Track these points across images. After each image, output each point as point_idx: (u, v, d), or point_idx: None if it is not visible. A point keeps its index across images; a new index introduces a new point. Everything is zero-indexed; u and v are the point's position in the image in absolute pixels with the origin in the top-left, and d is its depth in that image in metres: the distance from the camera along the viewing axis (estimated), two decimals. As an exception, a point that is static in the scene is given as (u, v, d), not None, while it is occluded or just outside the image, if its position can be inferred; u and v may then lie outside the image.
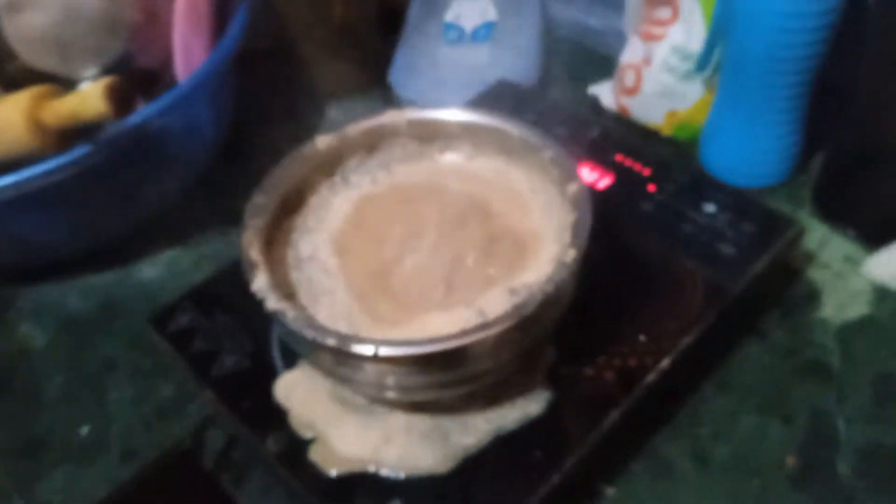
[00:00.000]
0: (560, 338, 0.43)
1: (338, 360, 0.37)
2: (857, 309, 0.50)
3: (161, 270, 0.59)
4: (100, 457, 0.48)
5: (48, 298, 0.58)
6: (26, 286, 0.59)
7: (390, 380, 0.38)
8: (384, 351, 0.35)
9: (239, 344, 0.46)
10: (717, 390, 0.47)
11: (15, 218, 0.52)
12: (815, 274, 0.53)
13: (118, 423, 0.49)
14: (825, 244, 0.55)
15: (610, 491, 0.43)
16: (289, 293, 0.41)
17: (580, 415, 0.41)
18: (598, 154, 0.56)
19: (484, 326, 0.35)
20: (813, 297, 0.51)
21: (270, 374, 0.44)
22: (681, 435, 0.45)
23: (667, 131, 0.65)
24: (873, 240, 0.53)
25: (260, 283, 0.38)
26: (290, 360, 0.45)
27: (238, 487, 0.45)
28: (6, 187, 0.48)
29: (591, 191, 0.42)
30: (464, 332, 0.35)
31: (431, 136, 0.48)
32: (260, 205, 0.43)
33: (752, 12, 0.51)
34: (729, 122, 0.59)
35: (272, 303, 0.37)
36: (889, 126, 0.50)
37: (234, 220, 0.62)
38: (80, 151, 0.48)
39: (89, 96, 0.45)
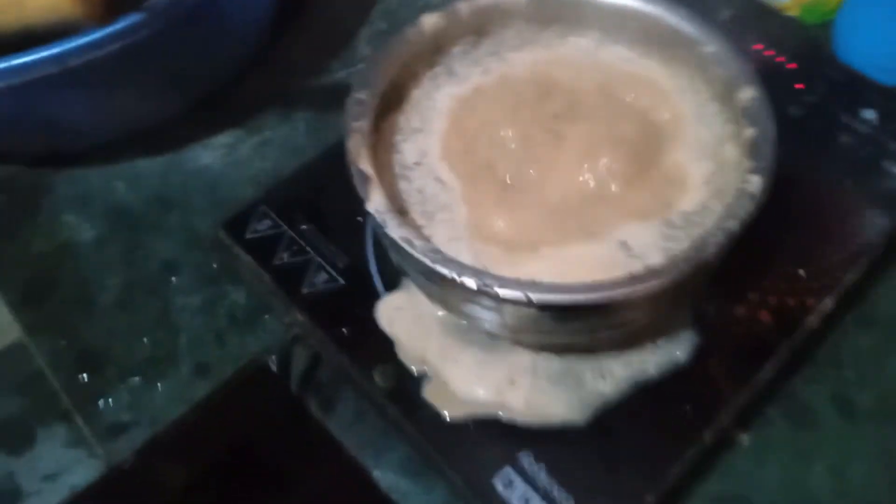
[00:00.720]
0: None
1: (472, 298, 0.32)
2: None
3: (218, 157, 0.52)
4: (169, 371, 0.43)
5: (92, 186, 0.51)
6: (65, 171, 0.52)
7: (529, 324, 0.32)
8: (536, 297, 0.29)
9: (329, 257, 0.40)
10: (860, 325, 0.42)
11: (52, 99, 0.44)
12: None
13: (186, 334, 0.44)
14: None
15: (745, 438, 0.39)
16: (400, 208, 0.35)
17: (732, 362, 0.36)
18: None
19: (655, 273, 0.29)
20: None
21: (369, 295, 0.39)
22: (821, 377, 0.40)
23: (792, 11, 0.56)
24: None
25: (377, 201, 0.32)
26: (392, 279, 0.39)
27: (326, 413, 0.41)
28: (41, 62, 0.40)
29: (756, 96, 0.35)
30: (633, 279, 0.29)
31: (553, 17, 0.40)
32: (362, 102, 0.35)
33: None
34: (876, 4, 0.50)
35: (394, 229, 0.31)
36: None
37: (297, 99, 0.55)
38: (128, 21, 0.40)
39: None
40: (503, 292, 0.29)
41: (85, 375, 0.43)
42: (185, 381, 0.43)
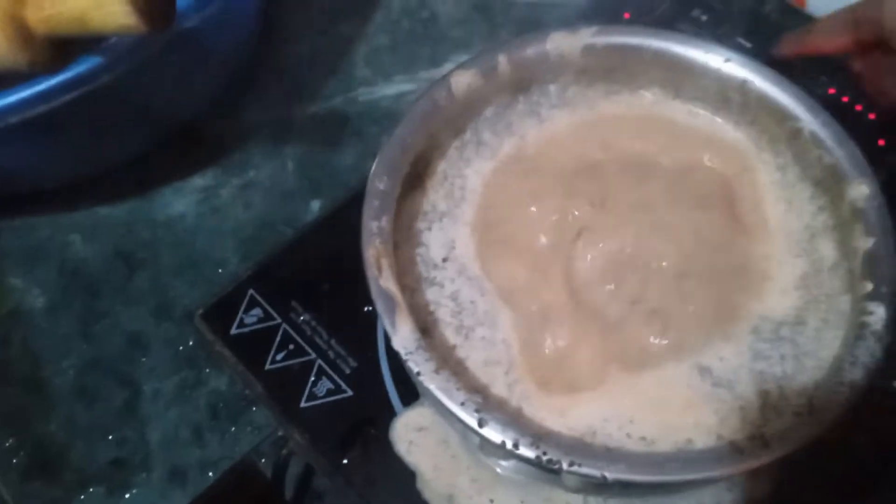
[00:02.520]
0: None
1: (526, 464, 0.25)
2: None
3: (193, 203, 0.44)
4: (138, 479, 0.36)
5: (43, 239, 0.43)
6: (11, 220, 0.44)
7: (592, 490, 0.26)
8: (613, 476, 0.23)
9: (333, 359, 0.33)
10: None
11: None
12: None
13: (158, 430, 0.37)
14: None
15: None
16: (424, 324, 0.28)
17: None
18: (797, 79, 0.41)
19: (766, 446, 0.23)
20: None
21: (384, 409, 0.32)
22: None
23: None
24: None
25: (405, 336, 0.25)
26: (412, 389, 0.32)
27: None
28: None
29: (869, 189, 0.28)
30: (738, 455, 0.23)
31: (611, 69, 0.33)
32: (382, 193, 0.28)
33: None
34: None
35: (429, 378, 0.24)
36: None
37: (284, 133, 0.47)
38: (83, 68, 0.32)
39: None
40: (571, 468, 0.23)
41: (38, 484, 0.36)
42: (157, 490, 0.36)
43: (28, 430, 0.38)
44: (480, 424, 0.23)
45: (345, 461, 0.31)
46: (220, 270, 0.41)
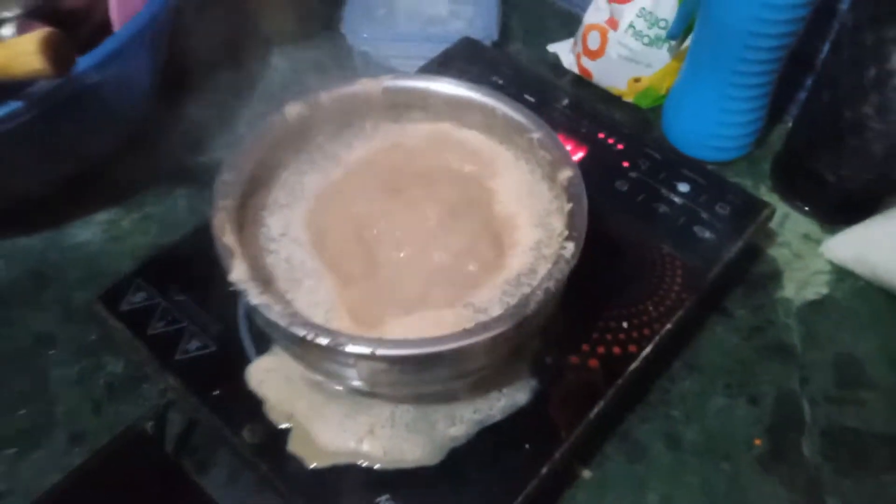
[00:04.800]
0: (545, 326, 0.42)
1: (327, 356, 0.35)
2: (817, 289, 0.51)
3: (97, 233, 0.54)
4: (44, 441, 0.44)
5: (-32, 263, 0.52)
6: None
7: (382, 377, 0.36)
8: (381, 351, 0.33)
9: (202, 325, 0.43)
10: (686, 370, 0.48)
11: None
12: (776, 252, 0.54)
13: (62, 404, 0.46)
14: (784, 221, 0.56)
15: (586, 474, 0.43)
16: (265, 277, 0.38)
17: (566, 405, 0.40)
18: (570, 124, 0.54)
19: (485, 327, 0.34)
20: (774, 276, 0.52)
21: (240, 359, 0.42)
22: (653, 416, 0.46)
23: (628, 97, 0.64)
24: (830, 220, 0.55)
25: (239, 272, 0.35)
26: (262, 344, 0.42)
27: (202, 474, 0.43)
28: None
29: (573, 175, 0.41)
30: (466, 332, 0.34)
31: (408, 106, 0.45)
32: (229, 182, 0.39)
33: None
34: (696, 93, 0.58)
35: (254, 296, 0.34)
36: (850, 109, 0.51)
37: (177, 176, 0.58)
38: (6, 110, 0.43)
39: (22, 50, 0.40)
40: (351, 348, 0.33)
41: (-42, 450, 0.44)
42: (60, 450, 0.44)
43: (-50, 408, 0.45)
44: (289, 325, 0.34)
45: (212, 395, 0.40)
46: (118, 282, 0.51)
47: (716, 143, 0.59)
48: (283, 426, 0.39)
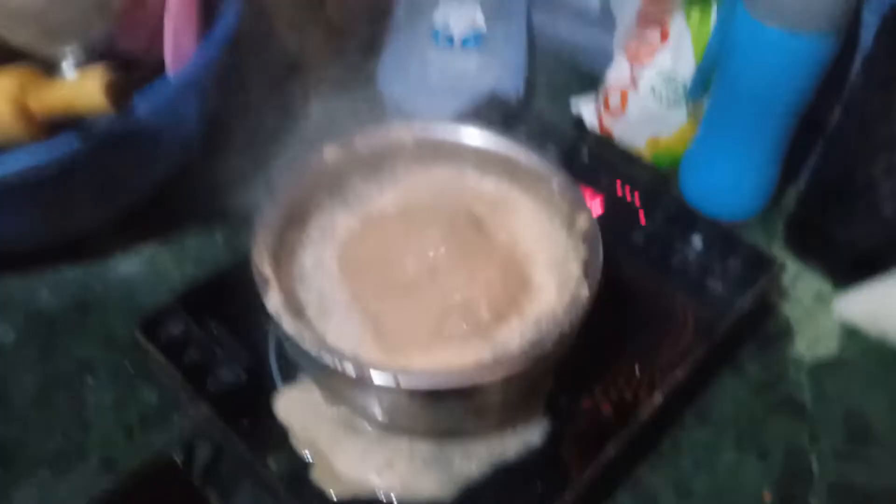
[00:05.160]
0: (559, 367, 0.44)
1: (352, 385, 0.37)
2: (828, 347, 0.53)
3: (140, 267, 0.57)
4: (77, 465, 0.46)
5: (15, 291, 0.55)
6: (-9, 276, 0.56)
7: (403, 409, 0.38)
8: (405, 381, 0.35)
9: (235, 355, 0.45)
10: (697, 421, 0.49)
11: None
12: (788, 310, 0.55)
13: (96, 430, 0.48)
14: (797, 280, 0.57)
15: (599, 519, 0.44)
16: (297, 308, 0.41)
17: (578, 448, 0.42)
18: (589, 177, 0.57)
19: (503, 363, 0.36)
20: (786, 333, 0.54)
21: (269, 389, 0.44)
22: (664, 465, 0.47)
23: (647, 157, 0.67)
24: (842, 278, 0.56)
25: (274, 301, 0.38)
26: (289, 374, 0.44)
27: (226, 502, 0.44)
28: None
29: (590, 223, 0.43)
30: (485, 367, 0.36)
31: (437, 152, 0.48)
32: (269, 218, 0.42)
33: (753, 48, 0.52)
34: (712, 153, 0.60)
35: (288, 324, 0.37)
36: (860, 170, 0.53)
37: (216, 217, 0.61)
38: (65, 145, 0.46)
39: (87, 89, 0.43)
40: (376, 376, 0.35)
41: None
42: (91, 474, 0.46)
43: (-9, 430, 0.48)
44: (319, 354, 0.36)
45: (241, 423, 0.42)
46: (156, 314, 0.53)
47: (730, 202, 0.61)
48: (307, 456, 0.41)
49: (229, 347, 0.45)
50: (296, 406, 0.43)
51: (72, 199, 0.52)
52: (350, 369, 0.35)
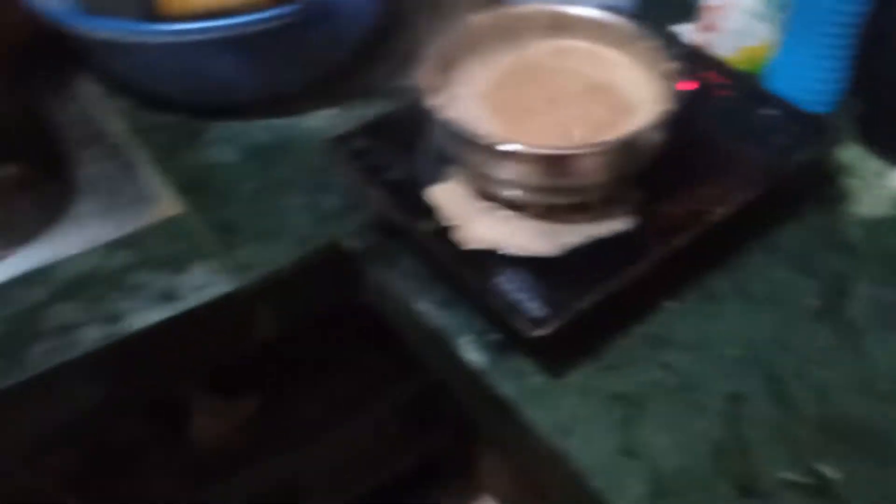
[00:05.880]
0: (649, 183, 0.57)
1: (487, 157, 0.52)
2: (883, 209, 0.63)
3: (324, 124, 0.74)
4: (279, 238, 0.63)
5: (237, 129, 0.74)
6: (214, 121, 0.75)
7: (522, 177, 0.52)
8: (520, 148, 0.50)
9: (401, 164, 0.61)
10: (761, 249, 0.60)
11: (215, 59, 0.68)
12: (850, 181, 0.66)
13: (293, 220, 0.65)
14: (860, 160, 0.67)
15: (669, 304, 0.57)
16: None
17: (656, 235, 0.55)
18: (688, 65, 0.69)
19: (596, 144, 0.50)
20: (846, 196, 0.64)
21: (423, 185, 0.59)
22: (729, 274, 0.59)
23: (736, 63, 0.78)
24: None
25: (434, 100, 0.53)
26: (438, 177, 0.59)
27: (390, 269, 0.60)
28: (222, 27, 0.64)
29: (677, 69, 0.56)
30: (578, 146, 0.50)
31: (560, 25, 0.62)
32: (429, 57, 0.57)
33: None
34: (793, 56, 0.71)
35: (441, 112, 0.52)
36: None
37: (385, 94, 0.77)
38: (285, 9, 0.64)
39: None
40: (503, 147, 0.50)
41: (225, 236, 0.64)
42: (289, 246, 0.63)
43: (219, 212, 0.66)
44: (462, 130, 0.51)
45: (402, 203, 0.58)
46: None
47: (810, 96, 0.71)
48: (449, 223, 0.56)
49: (397, 159, 0.61)
50: (443, 194, 0.58)
51: (280, 59, 0.70)
52: (488, 140, 0.50)
